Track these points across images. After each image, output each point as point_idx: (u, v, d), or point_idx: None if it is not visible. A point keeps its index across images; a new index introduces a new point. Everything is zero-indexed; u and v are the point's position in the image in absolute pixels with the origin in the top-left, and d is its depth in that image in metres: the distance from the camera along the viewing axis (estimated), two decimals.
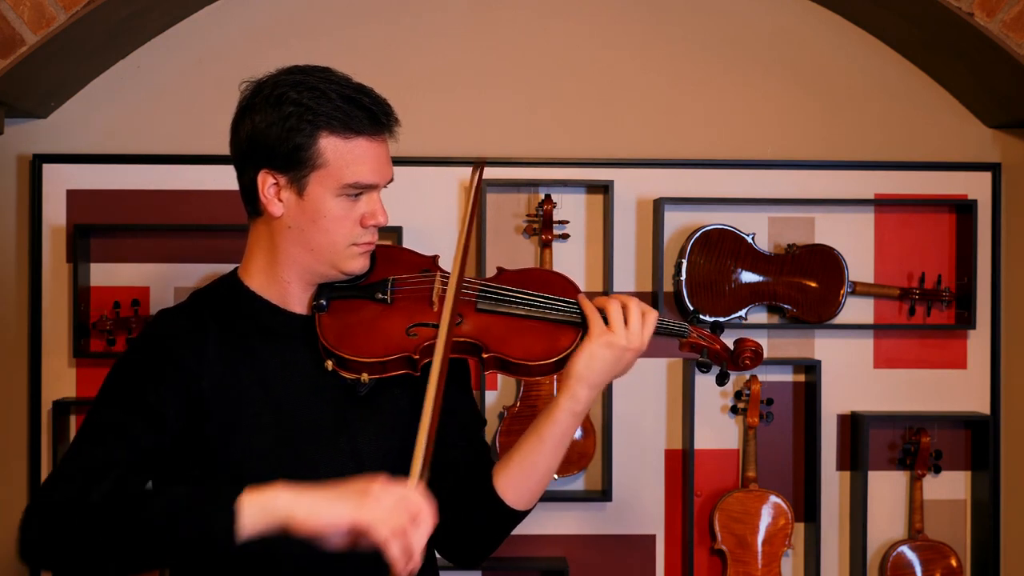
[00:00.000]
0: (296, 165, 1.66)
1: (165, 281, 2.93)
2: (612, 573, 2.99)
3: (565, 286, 1.81)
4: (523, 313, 1.75)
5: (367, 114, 1.67)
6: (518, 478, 1.77)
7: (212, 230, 2.91)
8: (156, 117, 2.95)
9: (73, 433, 2.91)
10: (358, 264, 1.72)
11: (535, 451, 1.76)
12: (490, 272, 1.85)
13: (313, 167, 1.65)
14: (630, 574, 2.99)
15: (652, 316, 1.76)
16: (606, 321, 1.74)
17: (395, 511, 1.47)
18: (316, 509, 1.46)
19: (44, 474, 2.88)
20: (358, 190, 1.68)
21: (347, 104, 1.66)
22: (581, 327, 1.75)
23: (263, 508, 1.47)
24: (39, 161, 2.89)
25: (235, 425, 1.66)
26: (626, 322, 1.73)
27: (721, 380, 1.93)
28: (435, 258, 1.82)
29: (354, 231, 1.69)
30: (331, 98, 1.65)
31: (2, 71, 2.52)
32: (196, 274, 2.92)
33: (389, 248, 1.82)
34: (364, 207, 1.69)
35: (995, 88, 2.87)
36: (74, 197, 2.91)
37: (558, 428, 1.75)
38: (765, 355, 2.95)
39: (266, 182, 1.68)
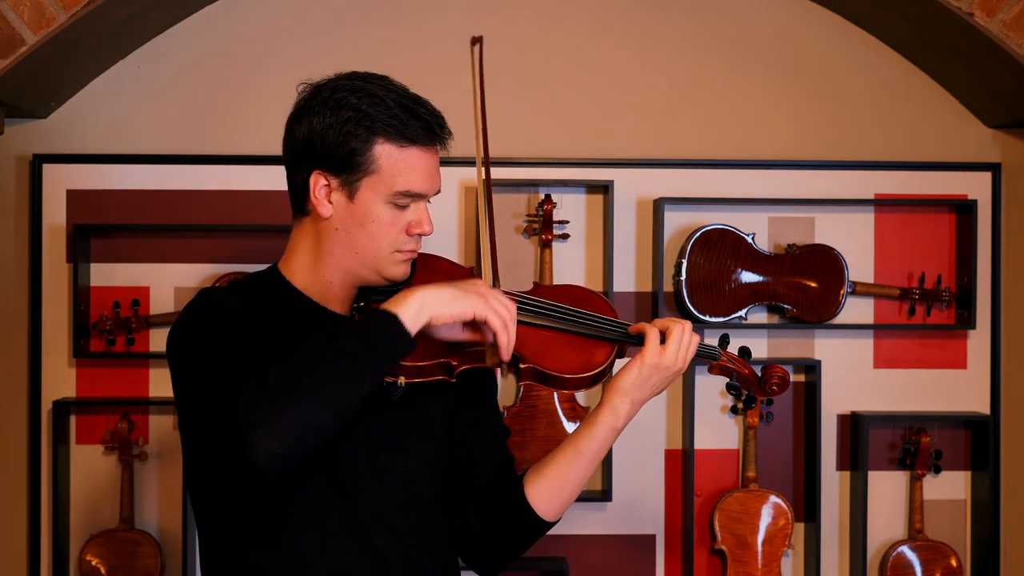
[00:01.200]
0: (349, 169, 1.68)
1: (165, 281, 2.93)
2: (612, 573, 2.99)
3: (601, 304, 1.84)
4: (561, 327, 1.77)
5: (422, 124, 1.70)
6: (551, 489, 1.79)
7: (213, 230, 2.91)
8: (156, 117, 2.95)
9: (74, 433, 2.92)
10: (400, 271, 1.74)
11: (571, 463, 1.78)
12: (524, 285, 1.87)
13: (366, 172, 1.68)
14: (630, 574, 2.99)
15: (695, 341, 1.79)
16: (639, 343, 1.77)
17: (502, 308, 1.63)
18: (447, 308, 1.60)
19: (44, 474, 2.88)
20: (408, 199, 1.70)
21: (404, 113, 1.68)
22: (616, 344, 1.78)
23: (415, 313, 1.58)
24: (39, 161, 2.89)
25: None
26: (679, 344, 1.76)
27: (748, 404, 1.95)
28: (472, 269, 1.86)
29: (399, 238, 1.71)
30: (389, 106, 1.68)
31: (2, 71, 2.52)
32: (197, 274, 2.92)
33: (429, 257, 1.85)
34: (411, 215, 1.72)
35: (995, 88, 2.87)
36: (74, 197, 2.91)
37: (596, 442, 1.77)
38: (765, 355, 2.99)
39: (318, 183, 1.70)
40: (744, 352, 1.91)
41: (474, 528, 1.81)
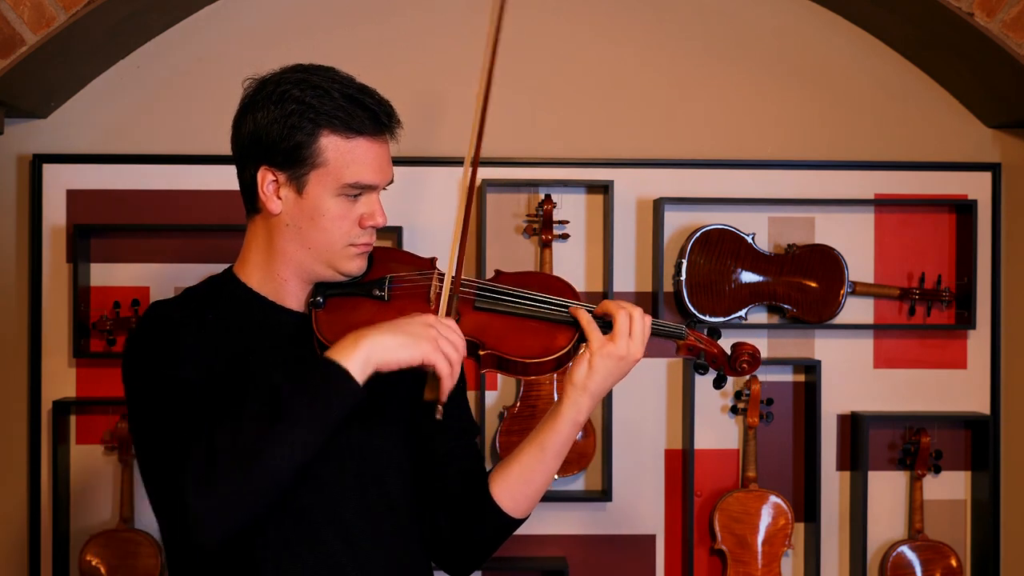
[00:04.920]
0: (296, 163, 1.65)
1: (165, 281, 2.93)
2: (612, 573, 2.99)
3: (563, 288, 1.81)
4: (521, 312, 1.75)
5: (369, 114, 1.67)
6: (517, 486, 1.77)
7: (212, 230, 2.91)
8: (156, 117, 2.95)
9: (74, 433, 2.92)
10: (355, 265, 1.71)
11: (535, 459, 1.76)
12: (488, 274, 1.85)
13: (313, 165, 1.65)
14: (630, 574, 2.99)
15: (647, 322, 1.74)
16: (605, 329, 1.73)
17: (451, 349, 1.60)
18: (395, 355, 1.57)
19: (44, 474, 2.88)
20: (358, 190, 1.67)
21: (349, 103, 1.65)
22: (579, 327, 1.75)
23: (363, 363, 1.55)
24: (39, 161, 2.89)
25: None
26: (630, 332, 1.72)
27: (718, 384, 1.92)
28: (433, 260, 1.82)
29: (352, 231, 1.68)
30: (334, 97, 1.65)
31: (2, 71, 2.52)
32: (196, 274, 2.91)
33: (387, 250, 1.83)
34: (363, 208, 1.69)
35: (995, 88, 2.87)
36: (74, 197, 2.91)
37: (559, 437, 1.75)
38: (765, 355, 2.98)
39: (265, 179, 1.67)
40: (712, 332, 1.88)
41: (443, 528, 1.79)
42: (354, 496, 1.69)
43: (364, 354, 1.55)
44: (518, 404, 2.89)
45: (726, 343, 1.88)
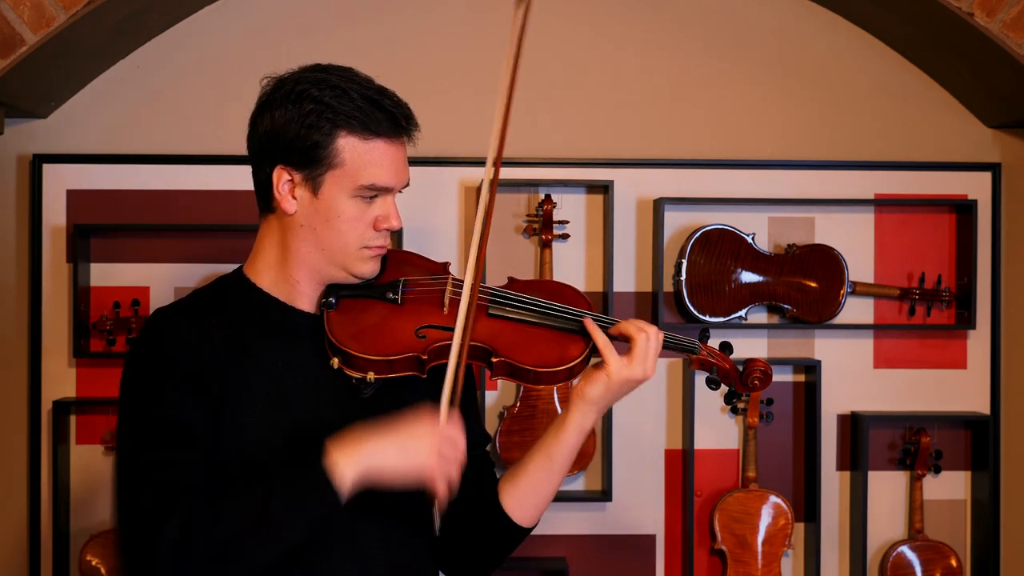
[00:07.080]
0: (313, 163, 1.64)
1: (165, 281, 2.93)
2: (612, 573, 2.99)
3: (575, 297, 1.80)
4: (534, 320, 1.75)
5: (387, 116, 1.66)
6: (525, 495, 1.78)
7: (212, 230, 2.91)
8: (156, 117, 2.95)
9: (74, 433, 2.91)
10: (369, 267, 1.70)
11: (542, 468, 1.77)
12: (499, 280, 1.85)
13: (330, 166, 1.64)
14: (630, 574, 2.99)
15: (659, 343, 1.77)
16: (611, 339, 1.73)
17: (450, 465, 1.61)
18: (395, 461, 1.58)
19: (44, 474, 2.88)
20: (374, 192, 1.66)
21: (368, 105, 1.65)
22: (591, 339, 1.75)
23: (354, 472, 1.56)
24: (39, 161, 2.89)
25: (241, 422, 1.64)
26: (646, 353, 1.74)
27: (729, 399, 1.93)
28: (446, 265, 1.81)
29: (367, 233, 1.68)
30: (352, 98, 1.64)
31: (2, 71, 2.52)
32: (196, 274, 2.92)
33: (400, 253, 1.82)
34: (378, 210, 1.68)
35: (995, 88, 2.87)
36: (74, 197, 2.91)
37: (566, 447, 1.76)
38: (765, 355, 2.98)
39: (281, 178, 1.66)
40: (725, 347, 1.89)
41: (454, 540, 1.79)
42: (362, 507, 1.67)
43: (363, 465, 1.57)
44: (518, 404, 2.89)
45: (733, 351, 1.89)
